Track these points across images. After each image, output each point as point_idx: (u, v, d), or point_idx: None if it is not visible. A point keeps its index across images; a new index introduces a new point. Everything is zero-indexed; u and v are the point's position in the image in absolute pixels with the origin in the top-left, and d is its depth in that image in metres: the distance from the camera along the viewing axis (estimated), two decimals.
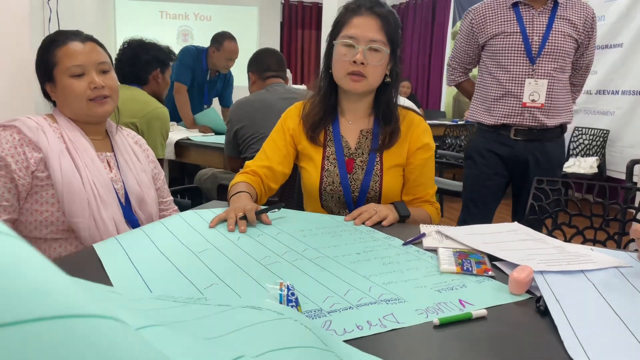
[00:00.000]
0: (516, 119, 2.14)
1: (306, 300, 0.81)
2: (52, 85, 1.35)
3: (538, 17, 2.09)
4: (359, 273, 0.94)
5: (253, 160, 1.53)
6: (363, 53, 1.35)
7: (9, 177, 1.22)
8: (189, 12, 7.58)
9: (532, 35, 2.08)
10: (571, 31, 2.09)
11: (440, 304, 0.82)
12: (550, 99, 2.11)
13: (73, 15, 4.31)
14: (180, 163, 3.30)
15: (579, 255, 1.02)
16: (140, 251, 1.02)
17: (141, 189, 1.42)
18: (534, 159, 2.17)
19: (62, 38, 1.34)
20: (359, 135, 1.50)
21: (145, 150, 1.54)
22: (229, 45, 3.52)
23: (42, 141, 1.26)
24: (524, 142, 2.16)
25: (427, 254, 1.07)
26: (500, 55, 2.14)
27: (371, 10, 1.37)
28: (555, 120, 2.15)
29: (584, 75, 2.26)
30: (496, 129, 2.19)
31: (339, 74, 1.40)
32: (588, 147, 4.66)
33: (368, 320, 0.75)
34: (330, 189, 1.49)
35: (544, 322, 0.77)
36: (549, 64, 2.09)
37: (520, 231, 1.20)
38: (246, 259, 0.99)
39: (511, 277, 0.87)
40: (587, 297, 0.84)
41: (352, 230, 1.21)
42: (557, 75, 2.10)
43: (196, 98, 3.69)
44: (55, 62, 1.32)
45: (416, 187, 1.50)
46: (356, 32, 1.36)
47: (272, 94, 2.46)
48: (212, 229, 1.16)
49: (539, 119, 2.12)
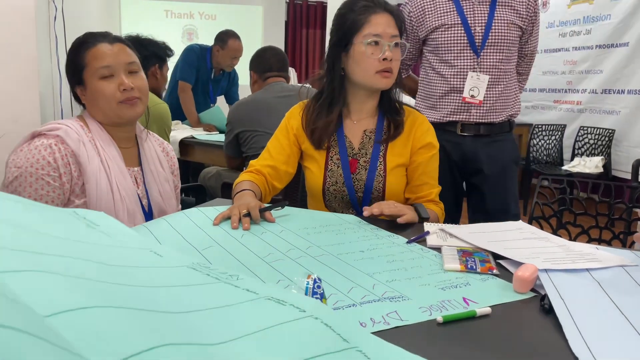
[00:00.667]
0: (462, 116, 2.02)
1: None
2: (82, 88, 1.34)
3: (479, 6, 1.96)
4: (363, 271, 0.94)
5: (257, 160, 1.53)
6: (390, 49, 1.38)
7: (59, 184, 1.24)
8: (194, 11, 7.59)
9: (475, 26, 1.96)
10: (514, 18, 1.97)
11: (444, 302, 0.82)
12: (491, 96, 1.99)
13: (78, 14, 4.32)
14: (184, 161, 3.31)
15: (583, 254, 1.01)
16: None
17: (163, 200, 1.44)
18: (485, 155, 2.03)
19: (91, 40, 1.33)
20: (363, 136, 1.50)
21: (172, 158, 1.55)
22: (233, 43, 3.52)
23: (83, 155, 1.27)
24: (472, 137, 2.02)
25: (431, 252, 1.06)
26: (442, 50, 2.01)
27: (385, 7, 1.40)
28: (502, 115, 2.03)
29: (529, 63, 2.15)
30: (442, 125, 2.04)
31: (367, 73, 1.40)
32: (593, 146, 4.64)
33: (371, 317, 0.75)
34: (333, 189, 1.49)
35: (548, 321, 0.77)
36: (494, 55, 1.97)
37: (525, 230, 1.20)
38: (250, 256, 0.99)
39: (516, 275, 0.87)
40: (592, 295, 0.84)
41: (355, 228, 1.21)
42: (503, 66, 1.99)
43: (201, 96, 3.70)
44: (84, 65, 1.31)
45: (419, 186, 1.50)
46: (379, 29, 1.38)
47: (269, 93, 2.48)
48: (216, 227, 1.16)
49: (487, 116, 2.00)
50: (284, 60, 2.66)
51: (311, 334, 0.55)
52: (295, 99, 2.40)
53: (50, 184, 1.22)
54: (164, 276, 0.63)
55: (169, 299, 0.56)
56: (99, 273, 0.54)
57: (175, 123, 3.58)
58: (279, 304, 0.59)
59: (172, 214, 1.28)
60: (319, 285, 0.78)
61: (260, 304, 0.59)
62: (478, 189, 2.06)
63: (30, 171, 1.21)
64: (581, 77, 4.88)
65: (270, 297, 0.61)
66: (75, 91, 1.37)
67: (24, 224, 0.58)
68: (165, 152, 1.53)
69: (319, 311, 0.59)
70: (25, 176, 1.22)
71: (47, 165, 1.22)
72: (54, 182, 1.22)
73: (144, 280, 0.58)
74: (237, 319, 0.56)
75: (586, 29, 4.82)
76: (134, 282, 0.55)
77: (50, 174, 1.22)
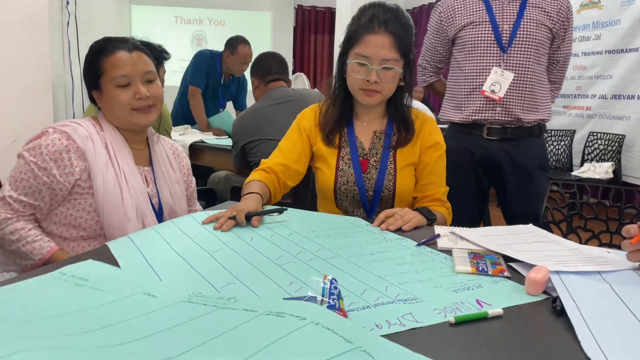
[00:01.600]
0: (486, 114, 1.99)
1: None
2: (98, 92, 1.36)
3: (508, 5, 1.98)
4: (374, 273, 0.94)
5: (269, 158, 1.54)
6: (377, 73, 1.37)
7: (47, 181, 1.26)
8: (203, 17, 7.65)
9: (503, 24, 1.98)
10: (544, 19, 1.97)
11: (457, 304, 0.82)
12: (517, 95, 1.97)
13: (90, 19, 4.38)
14: (194, 165, 3.33)
15: (595, 257, 1.01)
16: (154, 250, 1.02)
17: (174, 201, 1.46)
18: (509, 160, 2.01)
19: (110, 47, 1.34)
20: (373, 136, 1.52)
21: (182, 160, 1.57)
22: (243, 49, 3.55)
23: (90, 151, 1.29)
24: (498, 142, 2.01)
25: (441, 254, 1.07)
26: (469, 47, 2.03)
27: (385, 26, 1.37)
28: (530, 117, 1.99)
29: (561, 70, 2.13)
30: (468, 128, 2.05)
31: (353, 88, 1.44)
32: (603, 152, 4.61)
33: (387, 319, 0.75)
34: (344, 188, 1.50)
35: (560, 322, 0.77)
36: (521, 54, 1.97)
37: (536, 233, 1.20)
38: (261, 258, 0.99)
39: (528, 277, 0.87)
40: (604, 297, 0.84)
41: (364, 231, 1.22)
42: (532, 66, 1.98)
43: (210, 101, 3.73)
44: (102, 71, 1.33)
45: (426, 185, 1.51)
46: (369, 51, 1.37)
47: (269, 101, 2.50)
48: (227, 230, 1.16)
49: (514, 112, 1.97)
50: (283, 62, 2.68)
51: (315, 340, 0.56)
52: (297, 103, 2.43)
53: (33, 171, 1.25)
54: (160, 319, 0.65)
55: (170, 341, 0.58)
56: (85, 342, 0.57)
57: (184, 127, 3.61)
58: (279, 316, 0.60)
59: (180, 217, 1.29)
60: (336, 286, 0.78)
61: (261, 321, 0.61)
62: (503, 195, 2.09)
63: (25, 155, 1.27)
64: (591, 82, 4.86)
65: (269, 311, 0.62)
66: (92, 94, 1.39)
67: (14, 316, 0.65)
68: (176, 155, 1.55)
69: (319, 316, 0.60)
70: (20, 157, 1.28)
71: (38, 156, 1.26)
72: (37, 171, 1.25)
73: (138, 332, 0.60)
74: (241, 340, 0.57)
75: (596, 34, 4.80)
76: (127, 339, 0.57)
77: (37, 164, 1.25)
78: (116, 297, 0.76)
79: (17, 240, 1.25)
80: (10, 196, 1.25)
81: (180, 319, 0.65)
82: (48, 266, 0.95)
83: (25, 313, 0.68)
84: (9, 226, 1.25)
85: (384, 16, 1.38)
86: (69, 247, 1.30)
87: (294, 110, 2.35)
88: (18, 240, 1.25)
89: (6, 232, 1.25)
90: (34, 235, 1.26)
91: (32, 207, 1.27)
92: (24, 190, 1.26)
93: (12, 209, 1.26)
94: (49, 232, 1.31)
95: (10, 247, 1.26)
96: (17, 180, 1.26)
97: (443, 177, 1.54)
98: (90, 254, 1.11)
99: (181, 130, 3.50)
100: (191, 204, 1.59)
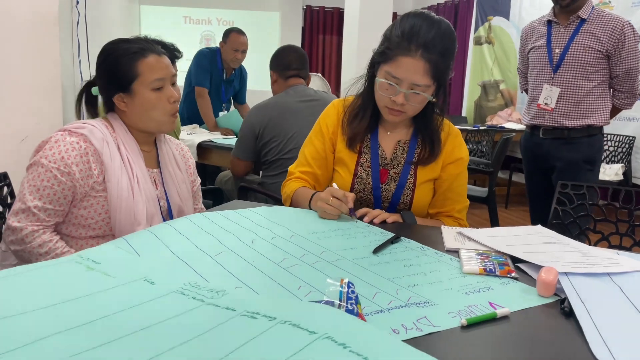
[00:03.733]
0: (538, 120, 2.56)
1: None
2: (125, 96, 1.33)
3: (564, 31, 2.44)
4: (382, 275, 0.93)
5: (295, 166, 1.54)
6: (405, 96, 1.29)
7: (71, 185, 1.25)
8: (212, 18, 7.68)
9: (555, 48, 2.46)
10: (594, 43, 2.36)
11: (471, 307, 0.81)
12: (563, 105, 2.47)
13: (100, 19, 4.41)
14: (202, 165, 3.34)
15: (604, 259, 1.00)
16: (151, 253, 0.98)
17: (181, 201, 1.46)
18: (559, 154, 2.50)
19: (140, 49, 1.32)
20: (396, 146, 1.46)
21: (187, 160, 1.57)
22: (234, 36, 3.56)
23: (106, 154, 1.29)
24: (551, 140, 2.52)
25: (446, 255, 1.06)
26: (531, 67, 2.60)
27: (423, 50, 1.24)
28: (576, 122, 2.47)
29: (624, 80, 2.44)
30: (531, 129, 2.63)
31: (379, 103, 1.37)
32: (613, 153, 4.57)
33: (402, 324, 0.74)
34: (360, 196, 1.47)
35: (569, 324, 0.76)
36: (568, 73, 2.43)
37: (544, 234, 1.19)
38: (264, 261, 0.97)
39: (539, 279, 0.86)
40: (613, 299, 0.83)
41: (365, 232, 1.20)
42: (580, 82, 2.42)
43: (214, 98, 3.71)
44: (136, 74, 1.30)
45: (443, 201, 1.47)
46: (400, 73, 1.27)
47: (292, 97, 2.46)
48: (226, 232, 1.12)
49: (558, 120, 2.49)
50: (303, 58, 2.63)
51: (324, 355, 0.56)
52: (319, 105, 2.42)
53: (57, 177, 1.24)
54: (149, 314, 0.68)
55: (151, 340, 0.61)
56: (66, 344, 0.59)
57: (192, 127, 3.62)
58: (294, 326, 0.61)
59: (176, 219, 1.25)
60: (353, 290, 0.76)
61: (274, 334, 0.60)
62: (553, 185, 2.43)
63: (43, 162, 1.24)
64: None
65: (285, 321, 0.62)
66: (111, 97, 1.35)
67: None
68: (182, 155, 1.55)
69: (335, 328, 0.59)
70: (38, 165, 1.25)
71: (59, 160, 1.24)
72: (61, 177, 1.24)
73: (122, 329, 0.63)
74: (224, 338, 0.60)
75: None
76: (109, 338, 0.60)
77: (60, 169, 1.24)
78: (117, 282, 0.78)
79: (45, 254, 1.23)
80: (35, 206, 1.22)
81: (167, 314, 0.67)
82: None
83: (27, 299, 0.70)
84: (37, 239, 1.22)
85: (425, 36, 1.24)
86: (77, 245, 1.31)
87: (315, 112, 2.34)
88: (47, 253, 1.23)
89: (34, 246, 1.22)
90: (62, 247, 1.25)
91: (57, 214, 1.26)
92: (48, 197, 1.23)
93: (37, 220, 1.23)
94: (62, 234, 1.31)
95: (38, 260, 1.23)
96: (39, 188, 1.23)
97: (462, 194, 1.48)
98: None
99: (189, 130, 3.51)
100: (196, 203, 1.59)
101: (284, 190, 1.52)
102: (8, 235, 1.24)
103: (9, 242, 1.24)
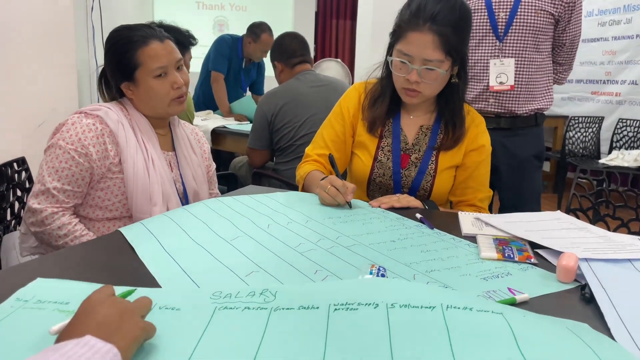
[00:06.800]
0: (479, 105, 1.96)
1: None
2: (131, 84, 1.35)
3: None
4: (399, 261, 0.92)
5: (312, 147, 1.52)
6: (418, 72, 1.28)
7: (89, 166, 1.26)
8: (224, 3, 7.63)
9: (499, 11, 1.90)
10: (544, 4, 1.88)
11: (489, 292, 0.80)
12: (520, 81, 1.92)
13: (114, 4, 4.41)
14: (216, 150, 3.35)
15: (625, 245, 0.98)
16: (170, 237, 0.98)
17: (197, 184, 1.47)
18: (504, 149, 1.94)
19: (141, 36, 1.32)
20: (418, 131, 1.44)
21: (203, 145, 1.57)
22: (266, 38, 3.55)
23: (121, 135, 1.30)
24: (491, 130, 1.78)
25: (463, 241, 1.05)
26: None
27: (431, 23, 1.23)
28: (526, 107, 1.94)
29: (569, 52, 2.04)
30: None
31: (396, 85, 1.37)
32: (633, 139, 4.49)
33: None
34: (379, 180, 1.46)
35: (589, 310, 0.75)
36: (518, 42, 1.89)
37: (564, 220, 1.17)
38: (281, 246, 0.97)
39: (559, 264, 0.85)
40: (634, 285, 0.81)
41: (381, 217, 1.19)
42: (530, 54, 1.91)
43: (232, 86, 3.73)
44: (137, 64, 1.31)
45: (464, 189, 1.45)
46: (411, 49, 1.26)
47: (303, 83, 2.46)
48: (242, 217, 1.12)
49: (505, 105, 1.94)
50: (305, 42, 2.62)
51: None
52: (328, 90, 2.40)
53: (74, 159, 1.25)
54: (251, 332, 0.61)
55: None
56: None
57: (207, 112, 3.63)
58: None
59: (192, 204, 1.27)
60: (384, 274, 0.76)
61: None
62: (498, 185, 1.97)
63: (61, 144, 1.26)
64: (621, 67, 4.72)
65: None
66: (120, 86, 1.37)
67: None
68: (197, 139, 1.55)
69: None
70: (56, 147, 1.26)
71: (77, 142, 1.25)
72: (78, 158, 1.25)
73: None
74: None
75: (626, 18, 4.65)
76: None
77: (77, 150, 1.25)
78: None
79: (64, 236, 1.25)
80: (54, 187, 1.24)
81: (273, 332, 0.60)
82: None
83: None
84: (56, 221, 1.24)
85: (432, 8, 1.23)
86: (94, 227, 1.32)
87: (326, 97, 2.33)
88: (66, 235, 1.25)
89: (54, 228, 1.24)
90: (81, 230, 1.27)
91: (75, 195, 1.27)
92: (67, 179, 1.25)
93: (57, 201, 1.25)
94: (79, 215, 1.32)
95: (57, 242, 1.25)
96: (57, 170, 1.25)
97: (484, 183, 1.46)
98: (109, 238, 1.08)
99: (203, 116, 3.52)
100: (211, 188, 1.60)
101: (298, 172, 1.52)
102: (28, 217, 1.26)
103: (30, 224, 1.26)
